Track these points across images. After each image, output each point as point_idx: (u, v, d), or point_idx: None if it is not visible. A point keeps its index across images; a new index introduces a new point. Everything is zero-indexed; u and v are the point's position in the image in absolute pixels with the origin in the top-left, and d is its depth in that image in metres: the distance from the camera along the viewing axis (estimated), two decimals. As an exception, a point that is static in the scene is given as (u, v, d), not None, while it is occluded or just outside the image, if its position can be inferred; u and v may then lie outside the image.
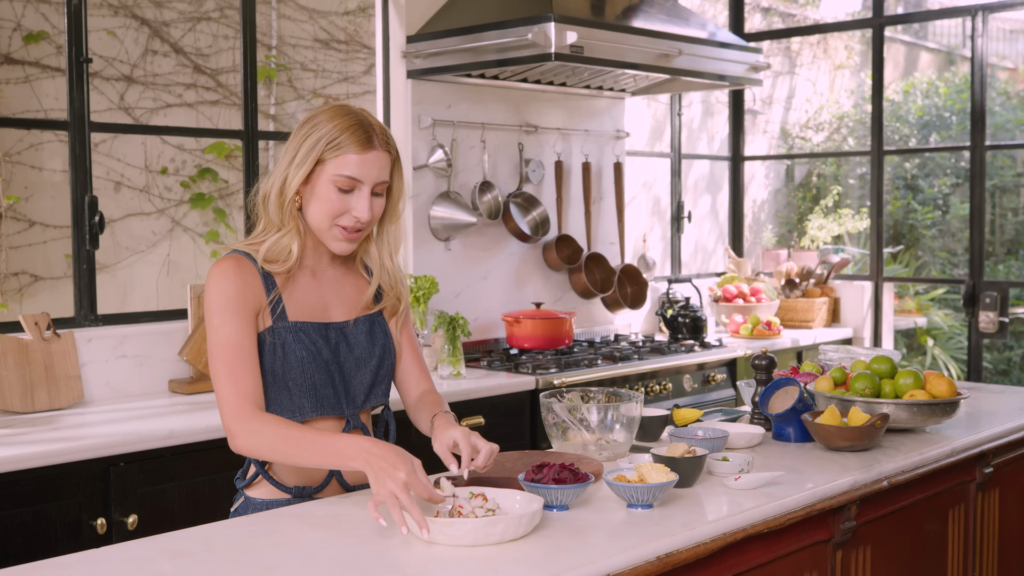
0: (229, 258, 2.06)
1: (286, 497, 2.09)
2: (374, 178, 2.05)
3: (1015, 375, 7.63)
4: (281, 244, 2.06)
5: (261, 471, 2.09)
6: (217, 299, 2.01)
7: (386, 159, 2.07)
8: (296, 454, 1.94)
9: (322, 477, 2.11)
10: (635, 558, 1.74)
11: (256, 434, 1.96)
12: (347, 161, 2.03)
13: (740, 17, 5.80)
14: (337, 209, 2.04)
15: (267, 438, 1.95)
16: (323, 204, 2.04)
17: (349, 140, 2.03)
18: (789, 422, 2.57)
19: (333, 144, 2.03)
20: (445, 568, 1.66)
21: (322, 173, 2.04)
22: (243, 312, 2.01)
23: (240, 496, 2.15)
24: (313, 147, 2.03)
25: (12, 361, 3.12)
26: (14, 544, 2.61)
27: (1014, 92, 8.38)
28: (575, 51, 3.75)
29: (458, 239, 4.33)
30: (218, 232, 5.12)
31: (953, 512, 2.68)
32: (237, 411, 1.98)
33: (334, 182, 2.03)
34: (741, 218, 5.94)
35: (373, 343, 2.17)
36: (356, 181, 2.04)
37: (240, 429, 1.97)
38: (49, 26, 4.54)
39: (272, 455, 1.97)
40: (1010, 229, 7.92)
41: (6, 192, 4.49)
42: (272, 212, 2.08)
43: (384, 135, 2.08)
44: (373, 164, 2.05)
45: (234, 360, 1.99)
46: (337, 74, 5.45)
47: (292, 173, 2.05)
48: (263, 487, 2.11)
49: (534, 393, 3.79)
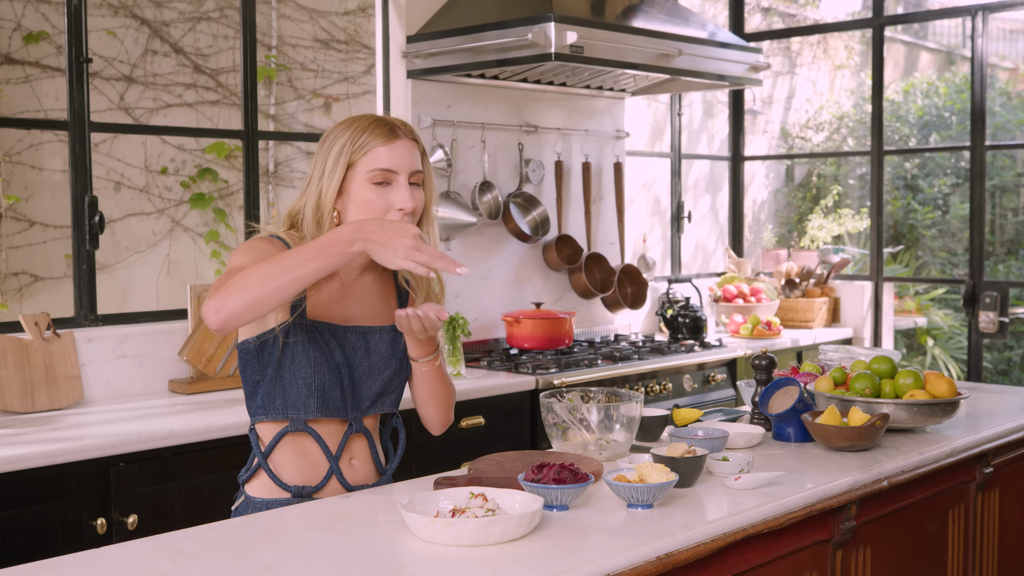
0: (268, 240, 2.02)
1: (286, 496, 2.08)
2: (407, 167, 2.03)
3: (1015, 375, 7.63)
4: None
5: (262, 462, 2.07)
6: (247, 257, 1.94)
7: (414, 148, 2.05)
8: (289, 268, 1.82)
9: (321, 476, 2.10)
10: (635, 558, 1.74)
11: (233, 283, 1.83)
12: (377, 155, 2.01)
13: (740, 17, 5.80)
14: (380, 207, 2.00)
15: (248, 276, 1.83)
16: (364, 207, 2.01)
17: (373, 135, 2.01)
18: (789, 422, 2.57)
19: (359, 144, 2.01)
20: (445, 568, 1.66)
21: (354, 177, 2.01)
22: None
23: (241, 495, 2.14)
24: (340, 154, 2.01)
25: (12, 361, 3.12)
26: (14, 544, 2.62)
27: (1014, 92, 8.39)
28: (575, 51, 3.75)
29: (458, 239, 4.33)
30: (218, 232, 5.12)
31: (953, 512, 2.68)
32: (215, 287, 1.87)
33: (369, 179, 2.01)
34: (741, 218, 5.94)
35: (393, 354, 2.15)
36: (391, 172, 2.01)
37: (209, 299, 1.84)
38: (49, 26, 4.54)
39: (262, 287, 1.81)
40: (1010, 229, 7.92)
41: (6, 192, 4.49)
42: (310, 231, 2.03)
43: (407, 127, 2.07)
44: (404, 152, 2.02)
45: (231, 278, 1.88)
46: (337, 74, 5.45)
47: (325, 185, 2.01)
48: (263, 484, 2.09)
49: (534, 393, 3.79)
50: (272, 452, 2.09)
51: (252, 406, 2.11)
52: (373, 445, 2.18)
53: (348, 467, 2.14)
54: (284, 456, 2.09)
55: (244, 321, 1.86)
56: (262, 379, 2.07)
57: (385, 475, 2.19)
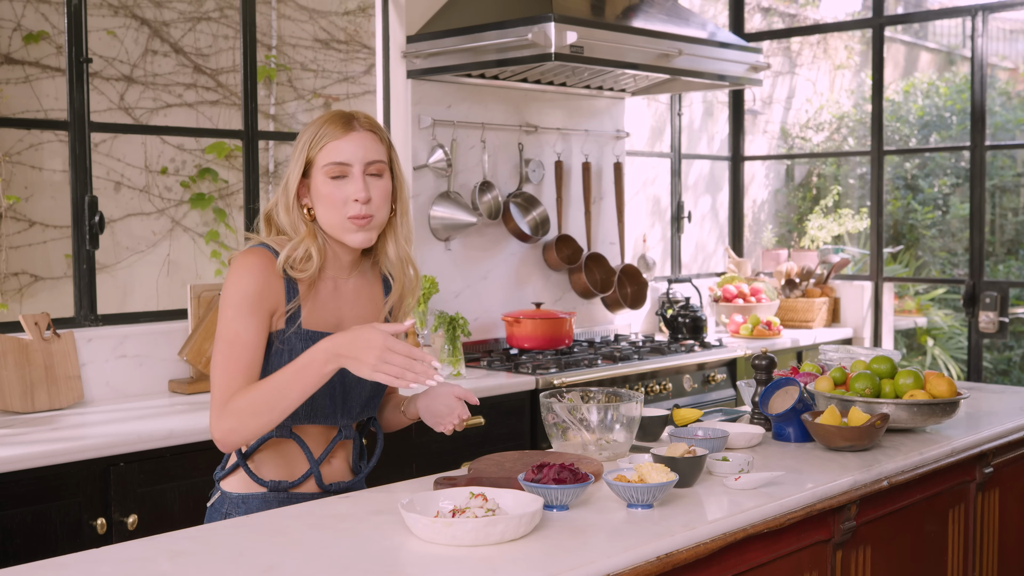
0: (256, 252, 2.05)
1: (262, 491, 2.09)
2: (361, 158, 2.06)
3: (1015, 375, 7.63)
4: (299, 249, 2.05)
5: (241, 462, 2.10)
6: (236, 292, 2.01)
7: (372, 139, 2.08)
8: (276, 402, 1.95)
9: (300, 472, 2.12)
10: (635, 558, 1.74)
11: (230, 414, 1.97)
12: (332, 148, 2.05)
13: (740, 17, 5.80)
14: (338, 199, 2.04)
15: (240, 411, 1.96)
16: (325, 199, 2.05)
17: (329, 129, 2.06)
18: (789, 422, 2.57)
19: (316, 138, 2.06)
20: (445, 568, 1.66)
21: (315, 172, 2.06)
22: (259, 310, 2.01)
23: (217, 490, 2.15)
24: (302, 149, 2.07)
25: (12, 361, 3.12)
26: (14, 544, 2.62)
27: (1014, 92, 8.39)
28: (575, 51, 3.75)
29: (458, 239, 4.33)
30: (218, 232, 5.12)
31: (953, 512, 2.68)
32: (220, 406, 1.98)
33: (326, 172, 2.05)
34: (741, 218, 5.94)
35: None
36: (344, 165, 2.05)
37: (216, 420, 1.98)
38: (49, 26, 4.54)
39: (255, 422, 1.96)
40: (1010, 229, 7.92)
41: (6, 192, 4.49)
42: (284, 223, 2.09)
43: (368, 120, 2.11)
44: (358, 144, 2.06)
45: (234, 357, 1.99)
46: (337, 74, 5.45)
47: (291, 181, 2.08)
48: (239, 480, 2.11)
49: (534, 393, 3.79)
50: (254, 453, 2.11)
51: None
52: (354, 446, 2.21)
53: (326, 465, 2.16)
54: (265, 457, 2.11)
55: (247, 443, 2.04)
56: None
57: (360, 475, 2.21)
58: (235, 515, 2.08)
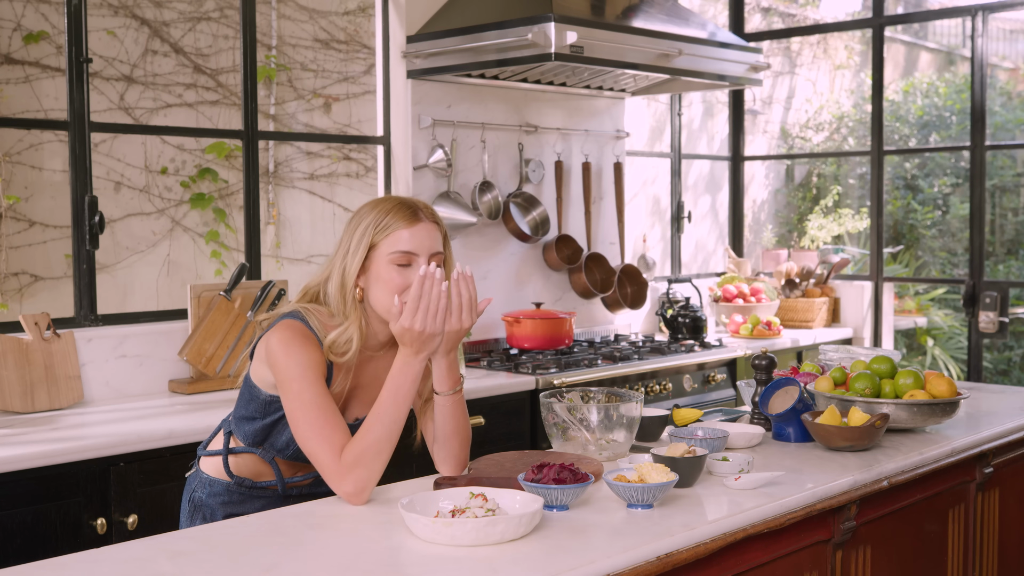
0: (296, 327, 2.10)
1: (228, 481, 2.23)
2: (427, 248, 2.11)
3: (1015, 375, 7.63)
4: (345, 336, 2.11)
5: (223, 453, 2.23)
6: (297, 365, 2.05)
7: (436, 231, 2.14)
8: (393, 432, 2.01)
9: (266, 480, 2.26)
10: (635, 558, 1.74)
11: (352, 466, 2.00)
12: (399, 237, 2.10)
13: (740, 17, 5.80)
14: (400, 285, 2.09)
15: (362, 457, 1.99)
16: (386, 284, 2.10)
17: (396, 218, 2.10)
18: (789, 422, 2.57)
19: (381, 226, 2.10)
20: (445, 568, 1.66)
21: (377, 257, 2.11)
22: (319, 375, 2.07)
23: (195, 464, 2.31)
24: (363, 234, 2.11)
25: (12, 361, 3.12)
26: (14, 544, 2.62)
27: (1014, 92, 8.39)
28: (575, 51, 3.75)
29: (458, 239, 4.33)
30: (218, 232, 5.12)
31: (953, 512, 2.68)
32: (337, 466, 2.01)
33: (391, 260, 2.09)
34: (741, 218, 5.94)
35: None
36: (411, 255, 2.10)
37: (341, 480, 2.00)
38: (49, 26, 4.54)
39: (381, 459, 2.01)
40: (1010, 229, 7.92)
41: (6, 192, 4.49)
42: (334, 304, 2.13)
43: (429, 210, 2.16)
44: (424, 235, 2.11)
45: (325, 419, 2.03)
46: (337, 74, 5.45)
47: (349, 262, 2.12)
48: (214, 465, 2.27)
49: (534, 393, 3.79)
50: (236, 455, 2.25)
51: (239, 426, 2.24)
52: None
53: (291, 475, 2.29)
54: (243, 462, 2.25)
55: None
56: (257, 419, 2.19)
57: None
58: (200, 492, 2.26)
